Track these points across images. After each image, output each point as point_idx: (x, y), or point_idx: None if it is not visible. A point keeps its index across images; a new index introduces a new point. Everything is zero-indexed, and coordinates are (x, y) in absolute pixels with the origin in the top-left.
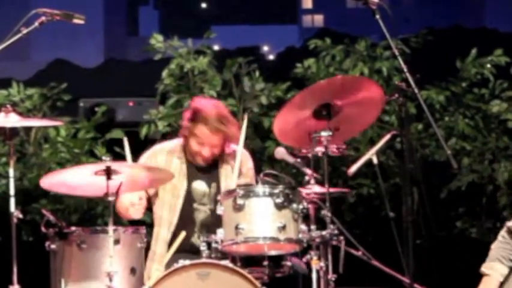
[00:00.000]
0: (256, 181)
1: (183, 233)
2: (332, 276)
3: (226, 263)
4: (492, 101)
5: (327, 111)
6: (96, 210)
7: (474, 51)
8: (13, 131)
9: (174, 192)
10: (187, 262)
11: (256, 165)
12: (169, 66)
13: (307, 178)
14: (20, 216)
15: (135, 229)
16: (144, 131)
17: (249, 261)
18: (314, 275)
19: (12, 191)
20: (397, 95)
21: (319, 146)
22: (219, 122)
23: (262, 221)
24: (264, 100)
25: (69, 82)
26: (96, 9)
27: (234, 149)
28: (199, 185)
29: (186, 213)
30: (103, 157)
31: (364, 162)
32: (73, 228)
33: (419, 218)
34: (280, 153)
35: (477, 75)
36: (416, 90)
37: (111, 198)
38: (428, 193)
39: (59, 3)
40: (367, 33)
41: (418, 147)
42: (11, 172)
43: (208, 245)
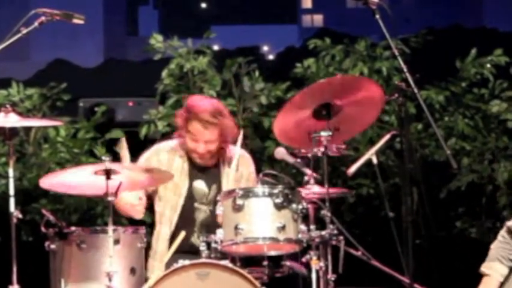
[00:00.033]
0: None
1: (183, 233)
2: (332, 276)
3: (226, 263)
4: (492, 101)
5: (327, 111)
6: (96, 210)
7: (474, 51)
8: (13, 131)
9: (176, 191)
10: (187, 262)
11: (256, 165)
12: (169, 66)
13: (306, 178)
14: (19, 216)
15: (134, 229)
16: (143, 131)
17: (249, 261)
18: (314, 275)
19: (11, 191)
20: (396, 95)
21: (319, 146)
22: (210, 116)
23: (262, 221)
24: (263, 100)
25: (69, 82)
26: (96, 9)
27: (239, 153)
28: (200, 184)
29: (187, 212)
30: (103, 157)
31: (364, 162)
32: (73, 228)
33: (418, 218)
34: (280, 153)
35: (477, 75)
36: (416, 90)
37: (111, 198)
38: (427, 193)
39: (59, 3)
40: (366, 33)
41: (418, 147)
42: (11, 172)
43: (208, 245)
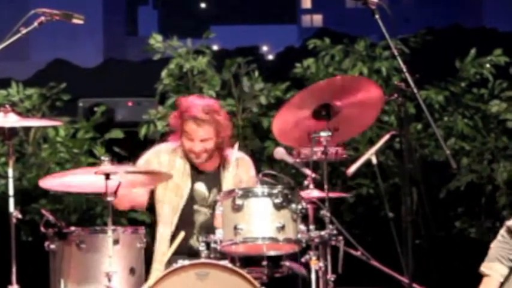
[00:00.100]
0: None
1: (182, 233)
2: (331, 276)
3: (225, 263)
4: (491, 101)
5: (327, 112)
6: (96, 210)
7: (473, 51)
8: (12, 131)
9: (178, 192)
10: (186, 262)
11: (255, 166)
12: (168, 66)
13: (306, 182)
14: (19, 216)
15: (134, 229)
16: (143, 131)
17: (248, 262)
18: (313, 275)
19: (11, 191)
20: (396, 95)
21: (319, 146)
22: (203, 113)
23: (261, 221)
24: (263, 100)
25: (68, 82)
26: (96, 9)
27: (236, 156)
28: (201, 187)
29: (187, 214)
30: (102, 157)
31: (364, 162)
32: (72, 228)
33: (418, 218)
34: (280, 153)
35: (476, 75)
36: (415, 90)
37: (110, 198)
38: (427, 193)
39: (58, 3)
40: (366, 33)
41: (417, 147)
42: (10, 172)
43: (207, 245)
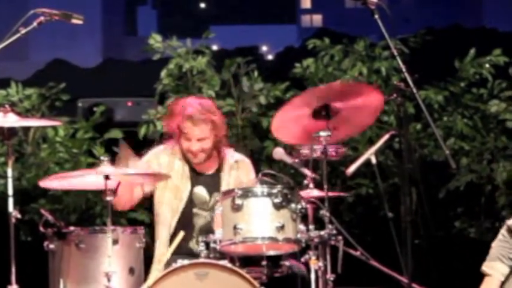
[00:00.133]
0: None
1: (182, 233)
2: (330, 276)
3: (225, 263)
4: (491, 100)
5: (326, 112)
6: (95, 210)
7: (473, 51)
8: (11, 131)
9: (177, 194)
10: (186, 262)
11: (255, 166)
12: (167, 66)
13: (306, 182)
14: (18, 216)
15: (133, 229)
16: (142, 131)
17: (248, 261)
18: (312, 275)
19: (10, 191)
20: (395, 95)
21: (318, 145)
22: (198, 112)
23: (261, 221)
24: (262, 100)
25: (68, 82)
26: (95, 9)
27: (236, 159)
28: (201, 190)
29: (186, 217)
30: (101, 157)
31: (363, 162)
32: (71, 228)
33: (417, 218)
34: (279, 153)
35: (476, 75)
36: (414, 90)
37: (110, 198)
38: (426, 193)
39: (58, 3)
40: (365, 33)
41: (417, 147)
42: (9, 172)
43: (207, 245)
